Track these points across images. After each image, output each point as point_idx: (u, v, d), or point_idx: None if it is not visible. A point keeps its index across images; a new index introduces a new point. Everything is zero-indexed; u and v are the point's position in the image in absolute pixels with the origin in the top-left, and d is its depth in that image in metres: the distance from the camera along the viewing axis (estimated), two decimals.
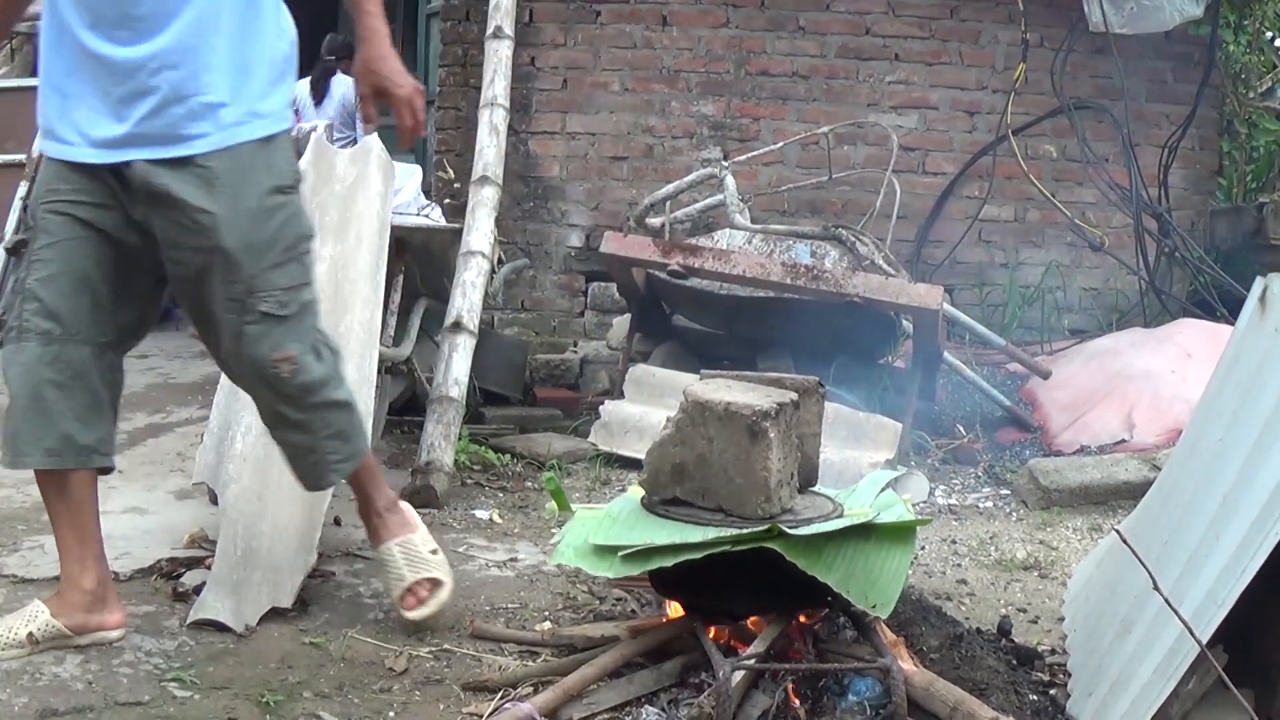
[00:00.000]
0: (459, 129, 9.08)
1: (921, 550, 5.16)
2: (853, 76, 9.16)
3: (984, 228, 9.23)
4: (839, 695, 3.29)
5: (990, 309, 8.95)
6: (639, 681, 3.45)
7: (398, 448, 6.49)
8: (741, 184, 8.10)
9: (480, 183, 7.18)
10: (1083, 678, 3.52)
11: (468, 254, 6.70)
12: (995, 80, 9.20)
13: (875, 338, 7.14)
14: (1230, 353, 3.66)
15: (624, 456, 6.31)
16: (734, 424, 3.33)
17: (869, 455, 6.03)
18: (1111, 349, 7.76)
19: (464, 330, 6.34)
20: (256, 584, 4.05)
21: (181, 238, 3.43)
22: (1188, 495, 3.47)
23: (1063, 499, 5.98)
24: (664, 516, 3.48)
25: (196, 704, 3.36)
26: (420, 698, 3.51)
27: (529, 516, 5.48)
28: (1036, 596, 4.68)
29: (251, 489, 4.36)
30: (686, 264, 6.62)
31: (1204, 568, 3.04)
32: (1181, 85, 9.31)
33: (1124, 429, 6.86)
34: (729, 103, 9.12)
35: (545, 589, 4.48)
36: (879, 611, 3.28)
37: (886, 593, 3.30)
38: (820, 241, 7.10)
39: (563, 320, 9.18)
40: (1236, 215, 9.55)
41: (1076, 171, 9.09)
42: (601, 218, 9.00)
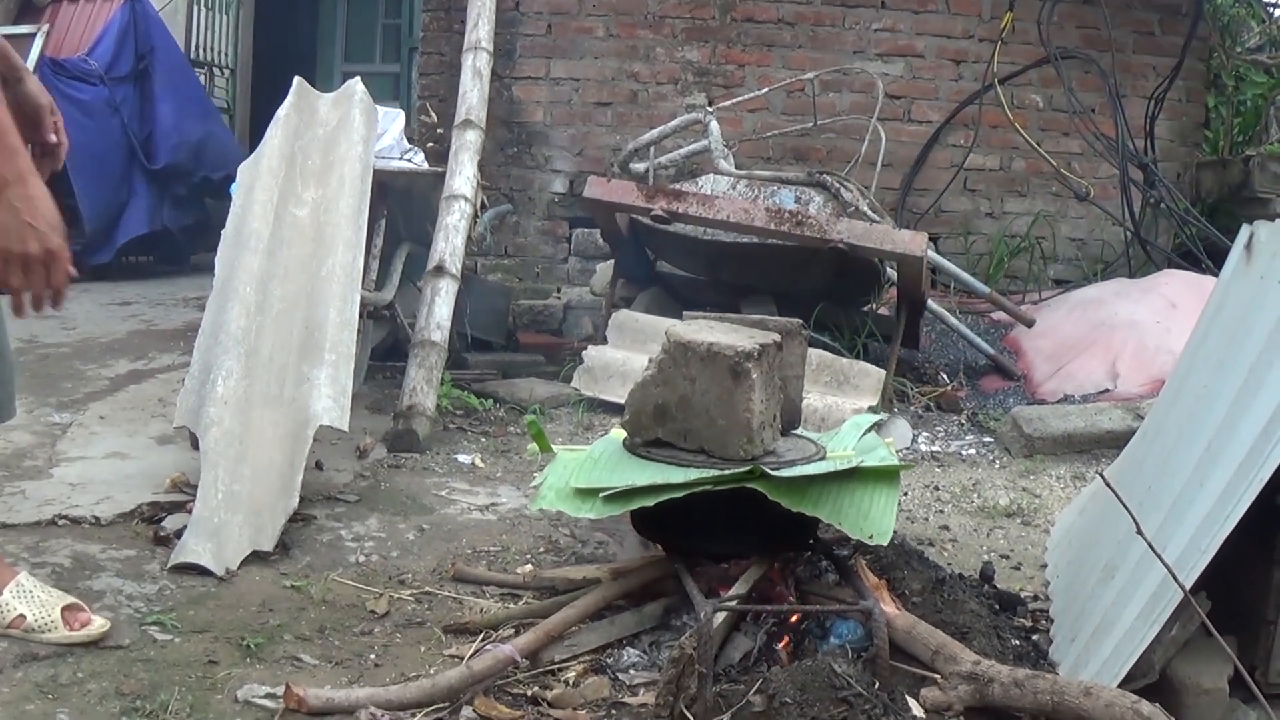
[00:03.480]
0: (442, 74, 9.02)
1: (905, 496, 5.16)
2: (839, 24, 9.11)
3: (969, 177, 9.22)
4: (820, 638, 3.28)
5: (975, 258, 8.95)
6: (620, 623, 3.45)
7: (380, 392, 6.47)
8: (726, 130, 8.07)
9: (463, 126, 7.13)
10: (1065, 623, 3.53)
11: (450, 198, 6.66)
12: (982, 29, 9.17)
13: (859, 285, 7.12)
14: (1215, 300, 3.65)
15: (606, 401, 6.30)
16: (716, 364, 3.31)
17: (852, 401, 6.02)
18: (1096, 299, 7.76)
19: (446, 274, 6.31)
20: (237, 528, 4.04)
21: None
22: (1172, 441, 3.46)
23: (1046, 447, 5.98)
24: (646, 458, 3.46)
25: (177, 647, 3.34)
26: (401, 640, 3.50)
27: (511, 461, 5.47)
28: (1019, 543, 4.68)
29: (233, 433, 4.34)
30: (670, 209, 6.59)
31: (1187, 514, 3.04)
32: (1169, 37, 9.28)
33: (1108, 378, 6.86)
34: (714, 49, 9.07)
35: (527, 532, 4.48)
36: (877, 541, 3.26)
37: (881, 524, 3.29)
38: (805, 188, 7.07)
39: (546, 266, 9.16)
40: (1223, 168, 9.53)
41: (1063, 121, 9.08)
42: (585, 164, 8.97)
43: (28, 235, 2.70)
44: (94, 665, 3.19)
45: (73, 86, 9.41)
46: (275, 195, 5.08)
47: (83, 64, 9.63)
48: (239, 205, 5.07)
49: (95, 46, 9.88)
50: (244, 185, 5.13)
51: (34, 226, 2.70)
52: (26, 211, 2.70)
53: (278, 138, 5.27)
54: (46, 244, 2.71)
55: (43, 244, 2.71)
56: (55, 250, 2.72)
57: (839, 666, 2.98)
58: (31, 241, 2.70)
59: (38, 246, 2.71)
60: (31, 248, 2.70)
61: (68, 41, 10.20)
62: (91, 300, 8.51)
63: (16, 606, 3.31)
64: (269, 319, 4.74)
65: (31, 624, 3.29)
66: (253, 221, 4.96)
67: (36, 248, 2.71)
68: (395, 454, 5.41)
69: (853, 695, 2.91)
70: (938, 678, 3.02)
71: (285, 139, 5.29)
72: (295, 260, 4.97)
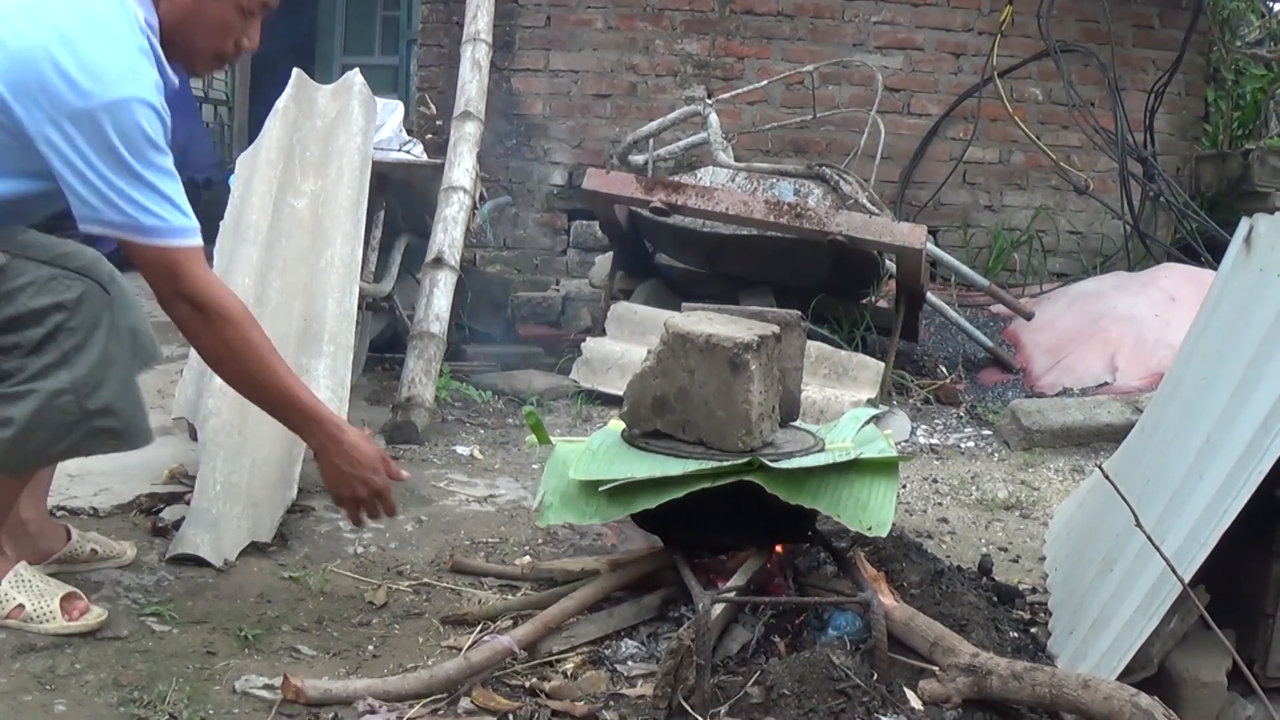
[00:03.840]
0: (441, 65, 9.03)
1: (903, 489, 5.16)
2: (838, 16, 9.12)
3: (968, 169, 9.23)
4: (819, 629, 3.28)
5: (974, 251, 8.95)
6: (618, 615, 3.45)
7: (378, 384, 6.47)
8: (725, 122, 8.08)
9: (462, 118, 7.12)
10: (1063, 616, 3.52)
11: (449, 189, 6.66)
12: (981, 22, 9.18)
13: (858, 277, 7.12)
14: (1215, 292, 3.64)
15: (605, 393, 6.30)
16: (715, 356, 3.31)
17: (851, 394, 6.02)
18: (1095, 292, 7.76)
19: (445, 266, 6.31)
20: (236, 519, 4.03)
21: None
22: (1171, 434, 3.46)
23: (1045, 440, 5.99)
24: (644, 449, 3.46)
25: (175, 638, 3.34)
26: (399, 631, 3.50)
27: (509, 452, 5.47)
28: (1018, 536, 4.68)
29: (231, 423, 4.33)
30: (669, 201, 6.59)
31: (1186, 507, 3.03)
32: (1168, 31, 9.29)
33: (1107, 371, 6.87)
34: (713, 41, 9.07)
35: (525, 524, 4.47)
36: (876, 533, 3.25)
37: (880, 516, 3.28)
38: (804, 180, 7.07)
39: (545, 258, 9.16)
40: (1222, 161, 9.54)
41: (1062, 115, 9.09)
42: (584, 156, 8.97)
43: (355, 483, 3.36)
44: (92, 656, 3.19)
45: None
46: (274, 187, 5.08)
47: None
48: (237, 197, 5.06)
49: None
50: (242, 177, 5.12)
51: (358, 475, 3.35)
52: (349, 464, 3.34)
53: (276, 129, 5.26)
54: (371, 486, 3.36)
55: (369, 486, 3.36)
56: (380, 488, 3.37)
57: (837, 658, 2.98)
58: (359, 487, 3.37)
59: (365, 490, 3.37)
60: (360, 491, 3.38)
61: None
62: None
63: (15, 596, 3.31)
64: (267, 311, 4.73)
65: (30, 613, 3.29)
66: (251, 213, 4.95)
67: (364, 491, 3.37)
68: (394, 445, 5.41)
69: (851, 687, 2.91)
70: (936, 670, 3.02)
71: (284, 131, 5.28)
72: (294, 252, 4.96)
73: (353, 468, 3.34)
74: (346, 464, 3.33)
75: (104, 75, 2.87)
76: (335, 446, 3.32)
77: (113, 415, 3.23)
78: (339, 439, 3.32)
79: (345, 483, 3.36)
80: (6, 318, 3.07)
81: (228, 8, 3.13)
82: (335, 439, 3.32)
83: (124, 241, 2.99)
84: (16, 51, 2.88)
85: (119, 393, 3.24)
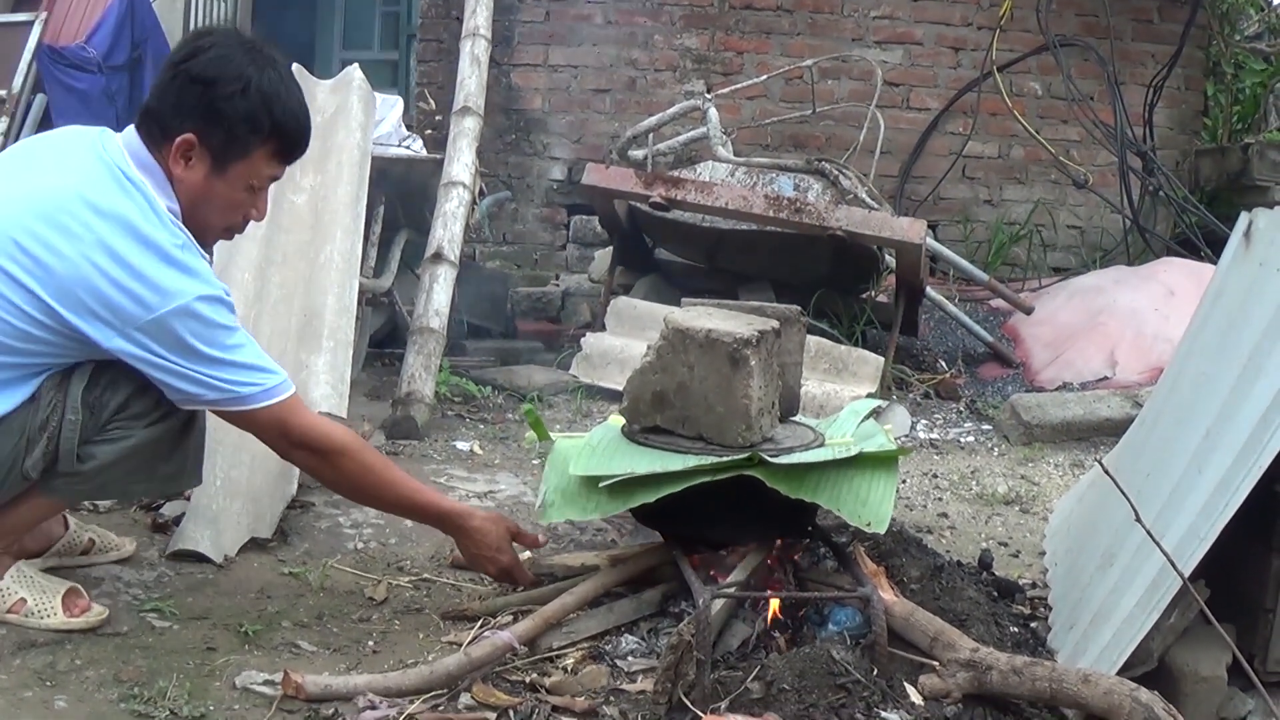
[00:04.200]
0: (440, 61, 9.02)
1: (903, 484, 5.16)
2: (837, 11, 9.12)
3: (968, 164, 9.23)
4: (819, 625, 3.28)
5: (974, 245, 8.95)
6: (618, 610, 3.45)
7: (378, 379, 6.47)
8: (724, 117, 8.07)
9: (462, 113, 7.12)
10: (1063, 611, 3.53)
11: (449, 185, 6.65)
12: (980, 16, 9.18)
13: (858, 272, 7.12)
14: (1214, 287, 3.65)
15: (605, 388, 6.29)
16: (715, 351, 3.30)
17: (851, 389, 6.01)
18: (1095, 286, 7.76)
19: (445, 261, 6.30)
20: (236, 514, 4.03)
21: None
22: (1170, 429, 3.46)
23: (1045, 435, 5.99)
24: (644, 445, 3.46)
25: (175, 634, 3.34)
26: (400, 627, 3.50)
27: (509, 448, 5.47)
28: (1018, 531, 4.68)
29: None
30: (669, 196, 6.59)
31: (1186, 501, 3.04)
32: (1167, 25, 9.29)
33: (1106, 366, 6.87)
34: (713, 36, 9.07)
35: (525, 519, 4.45)
36: (874, 529, 3.26)
37: (879, 511, 3.28)
38: (803, 175, 7.06)
39: (544, 253, 9.16)
40: (1221, 155, 9.53)
41: (1061, 109, 9.09)
42: (584, 151, 8.97)
43: (485, 563, 3.62)
44: (92, 652, 3.19)
45: (70, 75, 9.34)
46: None
47: (81, 51, 9.56)
48: None
49: (94, 34, 9.78)
50: None
51: (485, 556, 3.59)
52: (477, 547, 3.58)
53: None
54: (500, 564, 3.59)
55: (497, 564, 3.60)
56: (508, 566, 3.60)
57: (837, 653, 2.98)
58: (489, 565, 3.62)
59: (494, 568, 3.62)
60: (490, 570, 3.64)
61: (65, 29, 10.11)
62: None
63: (17, 591, 3.32)
64: (267, 306, 4.74)
65: (31, 608, 3.29)
66: None
67: (494, 569, 3.63)
68: (394, 441, 5.40)
69: (851, 682, 2.91)
70: (936, 665, 3.02)
71: None
72: (293, 247, 4.96)
73: (480, 549, 3.58)
74: (475, 548, 3.59)
75: (160, 286, 2.98)
76: (463, 536, 3.59)
77: (181, 469, 3.39)
78: (464, 527, 3.57)
79: (478, 563, 3.64)
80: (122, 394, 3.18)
81: (236, 188, 3.22)
82: (461, 529, 3.58)
83: (229, 414, 3.20)
84: (64, 275, 2.96)
85: (194, 448, 3.40)
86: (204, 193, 3.18)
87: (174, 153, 3.12)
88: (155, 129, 3.14)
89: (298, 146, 3.30)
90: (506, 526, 3.61)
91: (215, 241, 3.40)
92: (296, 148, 3.30)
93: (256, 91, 3.14)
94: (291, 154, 3.30)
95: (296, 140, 3.28)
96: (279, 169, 3.30)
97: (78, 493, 3.34)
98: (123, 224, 2.99)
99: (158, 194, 3.09)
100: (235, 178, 3.20)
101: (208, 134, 3.13)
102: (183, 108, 3.13)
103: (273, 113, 3.17)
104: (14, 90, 8.86)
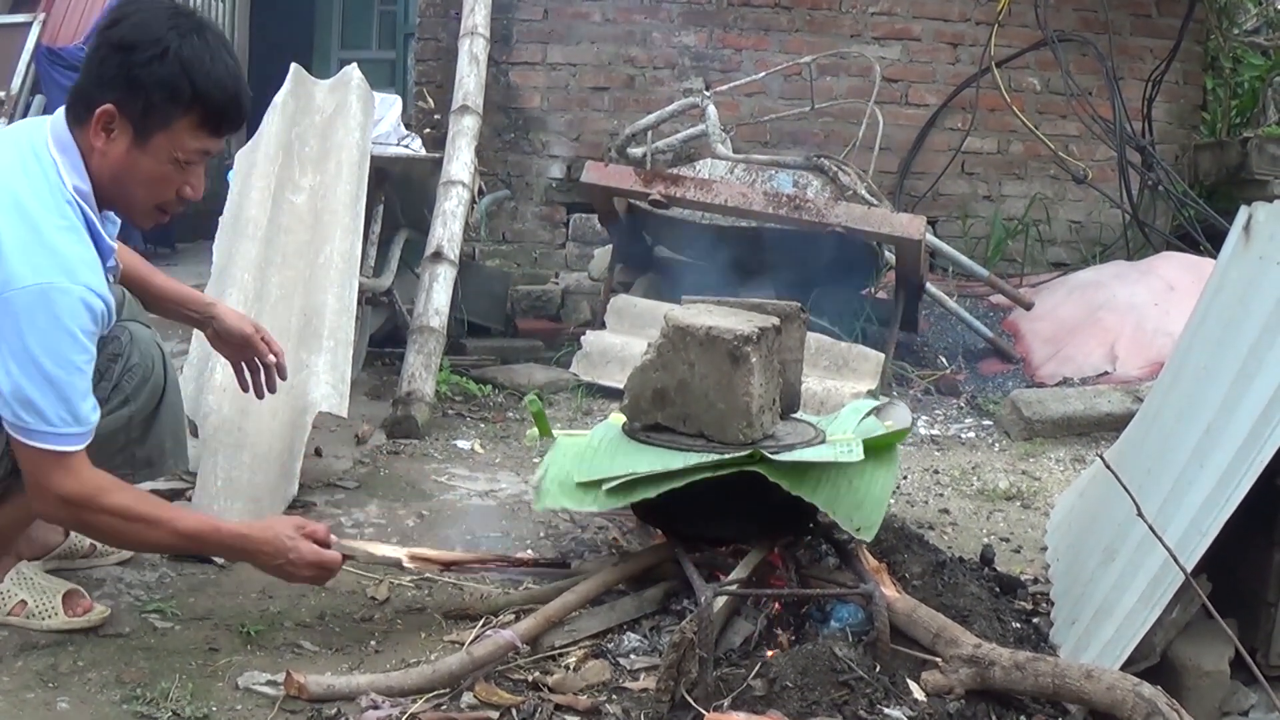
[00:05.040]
0: (439, 60, 9.01)
1: (904, 480, 5.16)
2: (835, 7, 9.11)
3: (967, 160, 9.22)
4: (821, 621, 3.29)
5: (973, 241, 8.95)
6: (620, 608, 3.45)
7: (379, 379, 6.47)
8: (723, 115, 8.06)
9: (460, 112, 7.12)
10: (1065, 606, 3.53)
11: (448, 183, 6.65)
12: (978, 12, 9.17)
13: (857, 268, 7.12)
14: (1214, 281, 3.65)
15: (605, 386, 6.30)
16: (715, 349, 3.31)
17: (851, 385, 6.01)
18: (1094, 281, 7.76)
19: (444, 260, 6.30)
20: (237, 515, 4.03)
21: None
22: (1171, 423, 3.46)
23: (1045, 430, 5.98)
24: (645, 443, 3.46)
25: (178, 635, 3.34)
26: (402, 626, 3.50)
27: (510, 446, 5.47)
28: (1019, 526, 4.68)
29: (231, 420, 4.33)
30: (668, 193, 6.59)
31: (1187, 496, 3.04)
32: (1165, 19, 9.28)
33: (1106, 361, 6.87)
34: (711, 33, 9.06)
35: (527, 518, 4.47)
36: (863, 535, 3.27)
37: (871, 517, 3.29)
38: (802, 171, 7.06)
39: (544, 251, 9.15)
40: (1220, 150, 9.53)
41: (1060, 104, 9.08)
42: (583, 149, 8.96)
43: (290, 569, 3.25)
44: (94, 653, 3.19)
45: (68, 76, 9.32)
46: (273, 182, 5.08)
47: (79, 52, 9.55)
48: (236, 192, 5.06)
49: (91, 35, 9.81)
50: (241, 172, 5.12)
51: (283, 562, 3.24)
52: (272, 556, 3.22)
53: (275, 125, 5.26)
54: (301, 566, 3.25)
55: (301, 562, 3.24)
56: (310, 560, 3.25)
57: (839, 650, 2.98)
58: (294, 569, 3.26)
59: (302, 571, 3.27)
60: (301, 572, 3.27)
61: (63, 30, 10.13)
62: None
63: (17, 593, 3.31)
64: (267, 306, 4.74)
65: (32, 610, 3.29)
66: (250, 209, 4.95)
67: (302, 572, 3.27)
68: (394, 440, 5.41)
69: (853, 679, 2.92)
70: (939, 661, 3.03)
71: (282, 126, 5.28)
72: (293, 247, 4.96)
73: (275, 557, 3.25)
74: (272, 558, 3.25)
75: (20, 262, 2.79)
76: (254, 556, 3.25)
77: (159, 450, 3.34)
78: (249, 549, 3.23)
79: (283, 573, 3.30)
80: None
81: (160, 161, 2.99)
82: (246, 550, 3.24)
83: (7, 431, 2.90)
84: None
85: (169, 429, 3.34)
86: (126, 166, 2.98)
87: (95, 125, 2.94)
88: (80, 105, 2.97)
89: (225, 118, 3.03)
90: (288, 524, 3.28)
91: (151, 221, 3.17)
92: (224, 119, 3.03)
93: (175, 58, 2.91)
94: (220, 126, 3.03)
95: (223, 110, 3.01)
96: (208, 142, 3.03)
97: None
98: (10, 200, 2.85)
99: (69, 173, 2.94)
100: (158, 150, 2.97)
101: (127, 104, 2.93)
102: (103, 78, 2.94)
103: (194, 80, 2.93)
104: (12, 91, 8.88)
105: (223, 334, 3.64)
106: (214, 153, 3.08)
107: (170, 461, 3.42)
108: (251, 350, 3.67)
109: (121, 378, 3.16)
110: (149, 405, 3.22)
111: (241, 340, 3.65)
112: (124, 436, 3.19)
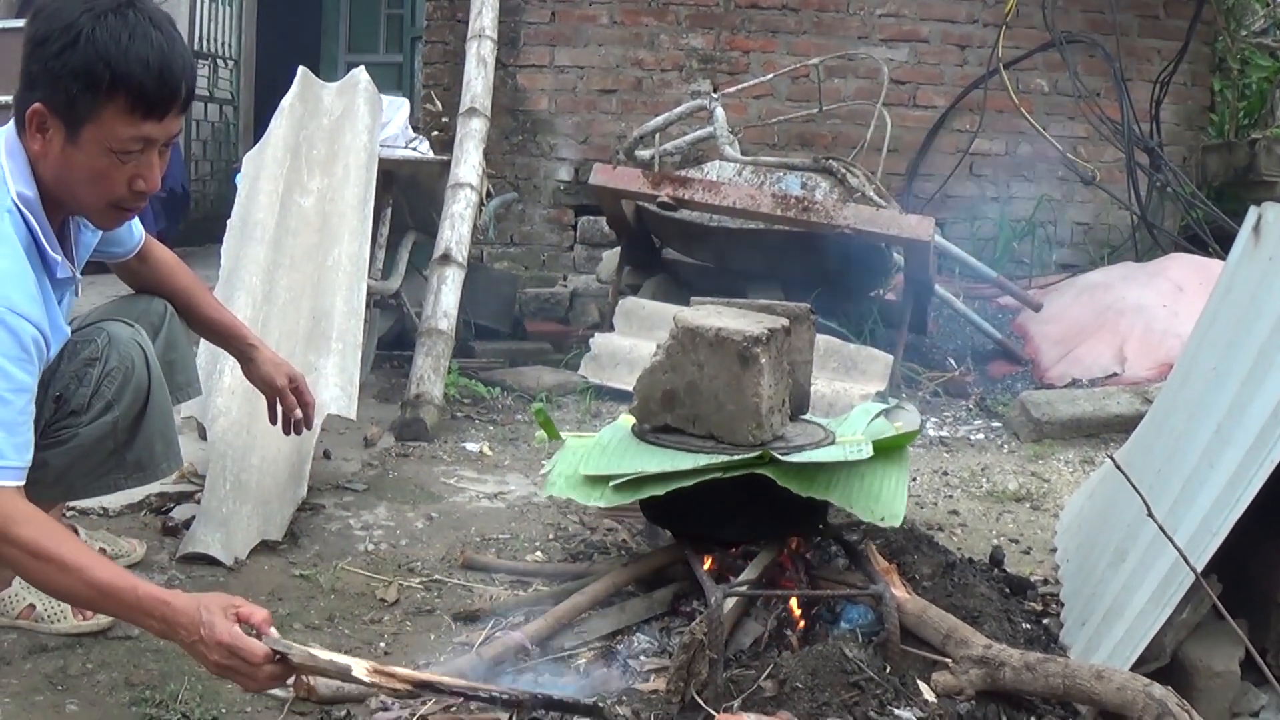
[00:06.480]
0: (446, 63, 9.02)
1: (914, 481, 5.15)
2: (843, 9, 9.11)
3: (975, 161, 9.22)
4: (831, 622, 3.28)
5: (981, 243, 8.94)
6: (630, 610, 3.44)
7: (387, 382, 6.48)
8: (731, 117, 8.05)
9: (468, 114, 7.12)
10: (1076, 607, 3.52)
11: (456, 186, 6.66)
12: (986, 13, 9.16)
13: (866, 270, 7.12)
14: (1224, 282, 3.64)
15: (614, 389, 6.29)
16: (725, 350, 3.30)
17: (860, 387, 6.01)
18: (1103, 283, 7.74)
19: (453, 262, 6.31)
20: (246, 517, 4.04)
21: None
22: (1181, 424, 3.45)
23: (1054, 431, 5.98)
24: (654, 444, 3.45)
25: None
26: (411, 628, 3.50)
27: (519, 449, 5.47)
28: (1029, 527, 4.67)
29: (240, 422, 4.33)
30: (676, 196, 6.59)
31: (1198, 496, 3.03)
32: (1173, 20, 9.27)
33: (1115, 362, 6.86)
34: (718, 35, 9.07)
35: (536, 520, 4.47)
36: (889, 523, 3.25)
37: (892, 506, 3.28)
38: (810, 173, 7.06)
39: (552, 254, 9.16)
40: (1228, 151, 9.52)
41: (1068, 106, 9.06)
42: (590, 151, 8.97)
43: (201, 655, 2.56)
44: (103, 656, 3.19)
45: None
46: (280, 185, 5.09)
47: None
48: (244, 195, 5.07)
49: None
50: (249, 175, 5.13)
51: (201, 648, 2.55)
52: (188, 634, 2.55)
53: (282, 128, 5.27)
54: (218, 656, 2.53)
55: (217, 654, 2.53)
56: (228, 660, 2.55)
57: (850, 651, 2.98)
58: (205, 656, 2.56)
59: (213, 660, 2.55)
60: (209, 661, 2.56)
61: None
62: (98, 293, 8.47)
63: (26, 596, 3.32)
64: (275, 309, 4.74)
65: (41, 613, 3.29)
66: (258, 212, 4.96)
67: (212, 661, 2.56)
68: (403, 443, 5.41)
69: (864, 679, 2.91)
70: (949, 662, 3.02)
71: (290, 129, 5.29)
72: (301, 250, 4.97)
73: (191, 636, 2.56)
74: (187, 636, 2.56)
75: None
76: (169, 628, 2.57)
77: (149, 453, 3.27)
78: (167, 617, 2.57)
79: (193, 652, 2.60)
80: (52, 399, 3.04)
81: (95, 155, 2.75)
82: (164, 619, 2.57)
83: None
84: None
85: (157, 431, 3.27)
86: (64, 165, 2.77)
87: (30, 127, 2.75)
88: (19, 108, 2.79)
89: (154, 98, 2.73)
90: (217, 600, 2.61)
91: (111, 222, 2.98)
92: (153, 100, 2.73)
93: (88, 43, 2.67)
94: (151, 108, 2.74)
95: (149, 91, 2.71)
96: (144, 127, 2.75)
97: (49, 498, 3.03)
98: None
99: (14, 179, 2.76)
100: (90, 144, 2.74)
101: (52, 100, 2.71)
102: (29, 76, 2.75)
103: (111, 64, 2.67)
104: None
105: (253, 379, 3.65)
106: (158, 139, 2.81)
107: (163, 464, 3.32)
108: (279, 400, 3.66)
109: (101, 382, 3.07)
110: (134, 408, 3.14)
111: (268, 391, 3.65)
112: (111, 442, 3.13)
